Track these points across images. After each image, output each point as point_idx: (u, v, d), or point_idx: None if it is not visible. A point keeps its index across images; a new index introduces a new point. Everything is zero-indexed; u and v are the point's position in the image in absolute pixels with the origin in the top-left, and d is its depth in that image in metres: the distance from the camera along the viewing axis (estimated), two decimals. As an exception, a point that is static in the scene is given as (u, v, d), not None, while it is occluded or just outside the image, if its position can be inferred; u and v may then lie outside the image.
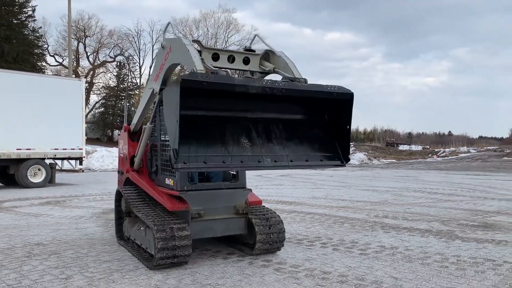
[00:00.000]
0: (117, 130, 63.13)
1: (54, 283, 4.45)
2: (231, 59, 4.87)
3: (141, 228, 5.34)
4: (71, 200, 11.25)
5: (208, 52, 4.73)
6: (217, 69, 4.35)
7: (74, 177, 18.23)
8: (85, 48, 55.94)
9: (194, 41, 4.63)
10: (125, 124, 6.38)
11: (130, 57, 58.66)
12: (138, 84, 60.14)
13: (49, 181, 15.00)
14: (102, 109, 60.22)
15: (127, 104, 55.36)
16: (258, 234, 5.31)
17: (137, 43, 58.32)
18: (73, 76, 34.66)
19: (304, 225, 7.77)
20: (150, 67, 61.19)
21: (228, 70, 4.84)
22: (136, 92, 60.11)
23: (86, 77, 53.06)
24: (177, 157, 3.91)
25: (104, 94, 60.36)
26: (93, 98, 58.50)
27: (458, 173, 26.32)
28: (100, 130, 57.95)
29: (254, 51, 5.11)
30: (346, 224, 7.92)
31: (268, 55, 5.10)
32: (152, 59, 58.63)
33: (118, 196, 6.11)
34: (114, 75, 60.29)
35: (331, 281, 4.62)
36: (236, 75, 5.42)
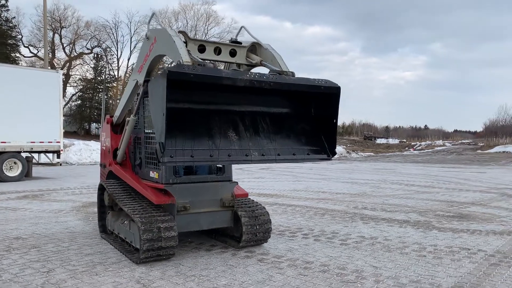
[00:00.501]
0: (94, 124, 62.09)
1: (35, 276, 4.41)
2: (218, 51, 4.82)
3: (125, 222, 5.32)
4: (50, 193, 11.07)
5: (194, 44, 4.67)
6: (204, 61, 4.31)
7: (51, 171, 17.89)
8: (61, 39, 54.56)
9: (180, 32, 4.57)
10: (107, 116, 6.30)
11: (108, 49, 57.49)
12: (116, 76, 59.14)
13: (26, 174, 14.69)
14: (79, 102, 58.98)
15: (105, 96, 54.44)
16: (245, 227, 5.33)
17: (115, 34, 57.17)
18: (49, 67, 33.81)
19: (285, 217, 7.86)
20: (128, 59, 60.28)
21: (215, 62, 4.82)
22: (114, 84, 59.12)
23: (62, 69, 51.80)
24: (164, 151, 3.87)
25: (81, 87, 59.11)
26: (70, 90, 57.23)
27: (434, 165, 26.93)
28: (77, 123, 56.81)
29: (240, 43, 5.08)
30: (327, 216, 8.05)
31: (254, 47, 5.07)
32: (131, 51, 57.77)
33: (101, 189, 6.06)
34: (91, 67, 59.04)
35: (313, 270, 4.71)
36: (223, 68, 5.39)
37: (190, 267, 4.74)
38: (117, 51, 58.60)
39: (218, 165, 5.46)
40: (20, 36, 50.36)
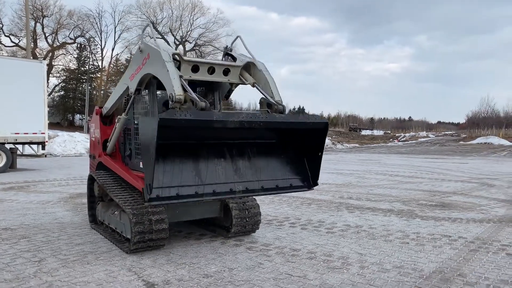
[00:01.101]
0: (78, 115, 61.29)
1: (27, 266, 4.45)
2: (211, 70, 4.76)
3: (116, 212, 5.37)
4: (36, 185, 11.02)
5: (188, 64, 4.57)
6: (196, 97, 4.19)
7: (36, 162, 17.74)
8: (43, 28, 53.49)
9: (174, 54, 4.44)
10: (96, 107, 6.30)
11: (92, 39, 56.63)
12: (100, 67, 58.37)
13: (10, 166, 14.53)
14: (62, 92, 58.18)
15: (89, 87, 53.78)
16: (235, 219, 5.45)
17: (98, 24, 56.31)
18: (31, 57, 33.21)
19: (273, 206, 8.00)
20: (113, 49, 59.55)
21: (207, 102, 4.73)
22: (98, 75, 58.37)
23: (44, 59, 50.93)
24: (151, 192, 3.96)
25: (64, 77, 58.25)
26: (53, 81, 56.22)
27: (417, 156, 27.40)
28: (61, 115, 56.08)
29: (234, 59, 5.06)
30: (313, 205, 8.20)
31: (249, 65, 5.01)
32: (115, 41, 57.02)
33: (91, 180, 6.09)
34: (74, 57, 58.16)
35: (300, 257, 4.85)
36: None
37: (180, 255, 4.84)
38: (101, 41, 57.83)
39: None
40: (0, 25, 49.37)
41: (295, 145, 4.97)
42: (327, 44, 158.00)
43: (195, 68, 4.64)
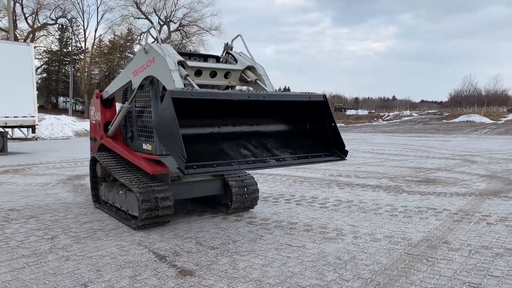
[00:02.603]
0: (62, 97, 60.47)
1: (41, 243, 4.70)
2: (213, 73, 4.95)
3: (120, 192, 5.62)
4: (30, 168, 11.15)
5: (192, 69, 4.72)
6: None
7: (26, 146, 17.75)
8: (22, 9, 52.21)
9: (179, 62, 4.54)
10: (96, 91, 6.46)
11: (74, 20, 55.52)
12: (83, 48, 57.38)
13: (1, 150, 14.60)
14: (45, 75, 57.24)
15: (72, 69, 52.98)
16: (235, 196, 5.76)
17: (80, 4, 55.34)
18: (13, 40, 32.53)
19: (267, 185, 8.33)
20: (96, 31, 58.69)
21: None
22: (81, 56, 57.43)
23: (25, 40, 49.88)
24: (185, 161, 3.73)
25: (46, 59, 57.23)
26: (34, 63, 55.31)
27: (402, 135, 28.02)
28: (44, 97, 55.29)
29: (235, 61, 5.27)
30: (305, 183, 8.56)
31: (249, 68, 5.19)
32: (98, 22, 56.19)
33: (93, 162, 6.31)
34: (56, 38, 57.09)
35: (298, 230, 5.20)
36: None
37: (185, 231, 5.14)
38: (83, 22, 56.89)
39: None
40: (-22, 6, 48.01)
41: (309, 129, 5.11)
42: (312, 24, 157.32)
43: (198, 72, 4.82)
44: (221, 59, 5.54)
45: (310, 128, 5.13)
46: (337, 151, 4.98)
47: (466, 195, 7.35)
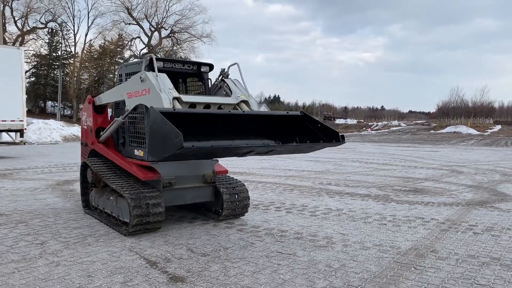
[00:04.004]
0: (50, 102, 59.91)
1: (31, 248, 4.67)
2: (206, 107, 5.12)
3: (111, 197, 5.61)
4: (18, 173, 11.03)
5: (186, 104, 4.85)
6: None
7: (13, 150, 17.55)
8: (12, 12, 51.85)
9: (174, 98, 4.65)
10: (88, 96, 6.46)
11: (64, 24, 55.22)
12: (73, 52, 57.04)
13: (-12, 154, 14.40)
14: (33, 79, 56.72)
15: (62, 74, 52.59)
16: (226, 203, 5.78)
17: (71, 9, 54.96)
18: (2, 43, 32.21)
19: (257, 192, 8.37)
20: (86, 35, 58.35)
21: None
22: (71, 61, 57.06)
23: (14, 44, 49.46)
24: (181, 141, 3.73)
25: (35, 63, 56.76)
26: (24, 67, 54.74)
27: (390, 145, 28.29)
28: (32, 101, 54.74)
29: (228, 86, 5.54)
30: (295, 191, 8.62)
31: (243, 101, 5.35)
32: (88, 27, 55.82)
33: (84, 167, 6.29)
34: (46, 42, 56.67)
35: (288, 237, 5.24)
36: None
37: (176, 237, 5.15)
38: (73, 26, 56.53)
39: None
40: (-33, 8, 47.50)
41: (297, 129, 5.35)
42: (303, 33, 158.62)
43: (192, 106, 4.96)
44: (216, 84, 5.74)
45: (299, 133, 5.35)
46: (334, 140, 5.11)
47: (453, 205, 7.47)
